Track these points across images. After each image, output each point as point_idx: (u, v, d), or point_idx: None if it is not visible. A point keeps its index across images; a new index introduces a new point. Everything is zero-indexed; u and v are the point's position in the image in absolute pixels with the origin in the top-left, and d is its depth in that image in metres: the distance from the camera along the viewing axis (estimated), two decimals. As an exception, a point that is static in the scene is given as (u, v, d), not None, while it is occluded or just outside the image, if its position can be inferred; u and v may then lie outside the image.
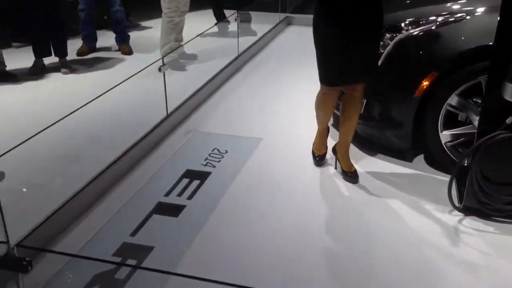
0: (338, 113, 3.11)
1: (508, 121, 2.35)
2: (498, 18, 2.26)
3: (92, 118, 3.42)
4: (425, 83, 2.76)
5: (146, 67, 3.43)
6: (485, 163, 2.42)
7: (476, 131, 2.78)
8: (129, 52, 5.20)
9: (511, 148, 2.36)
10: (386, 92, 2.96)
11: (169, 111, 3.56)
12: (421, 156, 3.12)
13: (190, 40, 4.32)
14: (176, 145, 3.35)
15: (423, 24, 2.81)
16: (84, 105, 2.77)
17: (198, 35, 4.35)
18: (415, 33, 2.82)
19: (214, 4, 5.80)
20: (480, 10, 2.74)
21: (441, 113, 2.81)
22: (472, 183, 2.48)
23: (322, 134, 3.07)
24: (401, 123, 2.92)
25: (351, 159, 2.95)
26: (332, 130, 3.33)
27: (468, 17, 2.72)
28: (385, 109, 3.00)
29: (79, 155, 3.16)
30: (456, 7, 2.84)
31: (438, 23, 2.77)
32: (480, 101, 2.77)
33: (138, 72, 3.32)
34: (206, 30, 4.84)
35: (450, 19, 2.76)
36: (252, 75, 4.66)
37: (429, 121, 2.86)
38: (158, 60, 3.48)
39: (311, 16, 2.69)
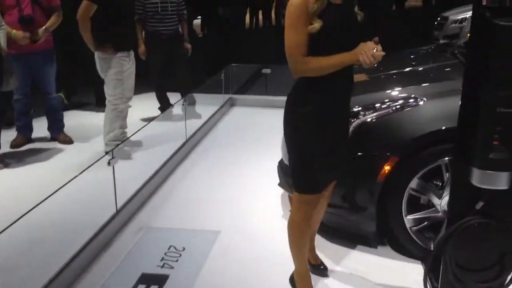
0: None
1: (477, 206, 2.32)
2: (460, 103, 2.29)
3: (32, 219, 3.11)
4: (387, 168, 2.73)
5: (95, 162, 3.21)
6: (458, 250, 2.36)
7: (439, 214, 2.78)
8: (68, 141, 4.94)
9: (482, 234, 2.32)
10: (349, 178, 2.90)
11: (118, 206, 3.32)
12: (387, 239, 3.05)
13: (138, 130, 4.15)
14: (128, 244, 3.08)
15: (379, 109, 2.82)
16: (26, 213, 2.50)
17: (145, 125, 4.19)
18: (373, 118, 2.82)
19: (156, 87, 5.72)
20: (433, 94, 2.79)
21: (404, 197, 2.78)
22: (446, 271, 2.40)
23: (306, 274, 2.51)
24: (365, 208, 2.85)
25: (317, 250, 2.82)
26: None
27: (421, 102, 2.76)
28: (348, 195, 2.93)
29: (17, 265, 2.82)
30: (407, 93, 2.88)
31: (394, 108, 2.79)
32: (440, 184, 2.78)
33: (87, 168, 3.10)
34: (154, 119, 4.70)
35: (405, 104, 2.78)
36: (202, 161, 4.52)
37: (392, 205, 2.81)
38: (106, 153, 3.27)
39: (254, 97, 2.59)
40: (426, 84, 2.92)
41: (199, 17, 9.67)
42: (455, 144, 2.35)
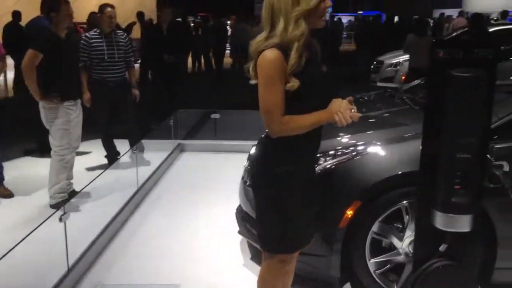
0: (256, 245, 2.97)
1: (441, 248, 2.39)
2: (420, 148, 2.37)
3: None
4: (349, 213, 2.77)
5: (45, 220, 3.03)
6: (425, 293, 2.40)
7: (401, 256, 2.83)
8: (9, 195, 4.65)
9: (447, 276, 2.38)
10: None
11: (70, 264, 3.13)
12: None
13: (89, 183, 3.97)
14: (83, 306, 2.91)
15: (339, 156, 2.88)
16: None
17: (97, 177, 4.03)
18: (333, 165, 2.86)
19: (103, 135, 5.56)
20: (390, 140, 2.88)
21: (367, 241, 2.81)
22: (415, 314, 2.43)
23: None
24: (329, 254, 2.85)
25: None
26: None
27: (379, 148, 2.84)
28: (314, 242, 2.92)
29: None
30: (365, 139, 2.95)
31: (353, 154, 2.85)
32: (400, 226, 2.84)
33: (38, 226, 2.91)
34: (103, 169, 4.53)
35: (364, 150, 2.85)
36: (155, 210, 4.40)
37: (356, 250, 2.83)
38: (51, 206, 3.10)
39: (203, 142, 2.51)
40: (383, 130, 3.02)
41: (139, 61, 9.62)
42: (418, 188, 2.42)
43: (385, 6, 31.11)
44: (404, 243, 2.80)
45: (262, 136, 3.59)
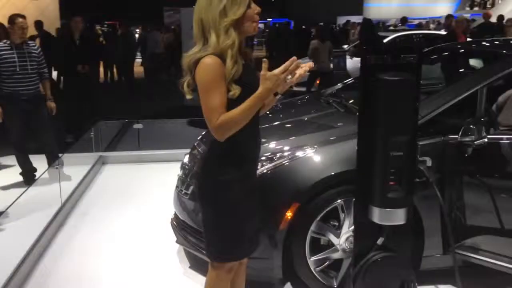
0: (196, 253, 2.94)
1: (379, 241, 2.53)
2: (356, 148, 2.51)
3: None
4: (289, 215, 2.85)
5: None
6: (367, 285, 2.53)
7: (338, 252, 2.96)
8: None
9: (386, 267, 2.53)
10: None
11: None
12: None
13: (9, 206, 3.72)
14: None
15: (276, 160, 2.95)
16: None
17: (17, 198, 3.78)
18: (270, 169, 2.93)
19: (17, 151, 5.22)
20: (324, 142, 3.00)
21: (307, 240, 2.91)
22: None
23: None
24: (271, 256, 2.91)
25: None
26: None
27: (314, 150, 2.95)
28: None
29: None
30: (300, 142, 3.05)
31: (290, 157, 2.94)
32: (337, 224, 2.97)
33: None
34: (26, 190, 4.26)
35: (300, 153, 2.95)
36: (83, 226, 4.21)
37: (297, 250, 2.92)
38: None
39: (127, 153, 2.47)
40: (315, 133, 3.14)
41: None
42: (356, 186, 2.55)
43: (292, 13, 32.15)
44: (341, 240, 2.93)
45: (196, 143, 3.63)
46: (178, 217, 3.44)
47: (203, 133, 3.84)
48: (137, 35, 15.34)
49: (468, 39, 8.24)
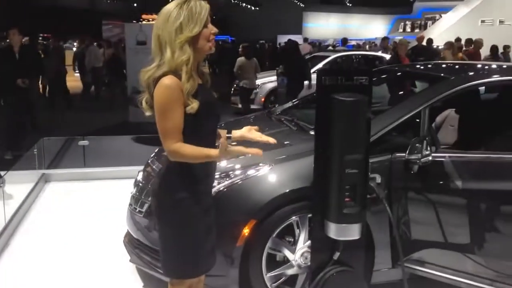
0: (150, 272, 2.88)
1: (334, 257, 2.63)
2: (311, 165, 2.60)
3: None
4: (246, 231, 2.89)
5: None
6: (323, 299, 2.61)
7: (294, 268, 3.02)
8: None
9: (342, 281, 2.62)
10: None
11: None
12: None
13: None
14: None
15: (233, 177, 2.99)
16: None
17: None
18: (227, 186, 2.96)
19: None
20: (279, 160, 3.07)
21: (264, 257, 2.96)
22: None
23: None
24: (227, 273, 2.93)
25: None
26: None
27: (270, 168, 3.02)
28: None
29: None
30: (256, 160, 3.11)
31: (246, 175, 2.99)
32: (292, 240, 3.04)
33: None
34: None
35: (256, 170, 3.01)
36: (29, 247, 4.03)
37: (253, 266, 2.96)
38: None
39: (72, 170, 2.44)
40: (271, 151, 3.20)
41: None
42: (313, 202, 2.64)
43: (234, 31, 32.56)
44: (297, 255, 3.00)
45: (150, 161, 3.61)
46: (131, 235, 3.39)
47: (156, 150, 3.83)
48: (74, 49, 14.93)
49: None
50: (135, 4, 37.87)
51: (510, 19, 17.69)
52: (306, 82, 8.63)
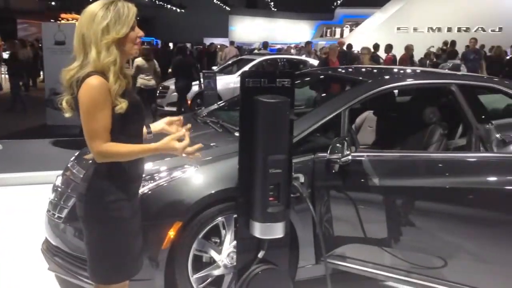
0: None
1: (259, 255, 2.67)
2: (236, 166, 2.62)
3: None
4: (171, 234, 2.86)
5: None
6: (250, 298, 2.64)
7: (220, 268, 3.03)
8: None
9: (267, 279, 2.67)
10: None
11: None
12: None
13: None
14: None
15: (158, 179, 2.95)
16: None
17: None
18: (150, 190, 2.92)
19: None
20: (204, 161, 3.07)
21: (190, 258, 2.94)
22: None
23: None
24: (153, 277, 2.89)
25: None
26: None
27: (195, 169, 3.01)
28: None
29: None
30: (181, 161, 3.09)
31: (171, 177, 2.96)
32: (218, 241, 3.05)
33: None
34: None
35: (181, 172, 2.99)
36: None
37: (179, 268, 2.93)
38: None
39: None
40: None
41: None
42: (238, 203, 2.67)
43: (160, 32, 32.10)
44: (223, 256, 3.00)
45: (69, 165, 3.48)
46: (50, 242, 3.25)
47: (76, 153, 3.70)
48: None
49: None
50: (53, 3, 36.27)
51: (423, 27, 18.81)
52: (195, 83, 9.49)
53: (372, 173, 3.11)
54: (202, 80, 9.43)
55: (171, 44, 19.08)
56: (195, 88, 9.94)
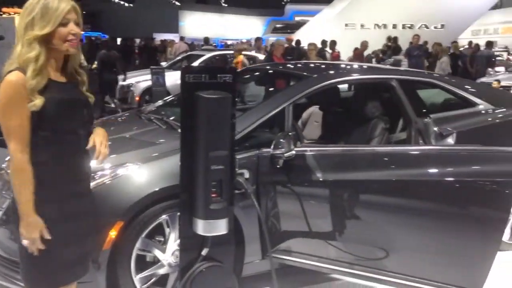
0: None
1: (203, 252, 2.64)
2: (180, 163, 2.58)
3: None
4: (113, 234, 2.79)
5: None
6: (194, 296, 2.61)
7: (165, 267, 2.99)
8: None
9: (211, 277, 2.64)
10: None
11: None
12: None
13: None
14: None
15: (96, 179, 2.86)
16: None
17: None
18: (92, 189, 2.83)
19: None
20: (147, 159, 3.01)
21: (132, 258, 2.88)
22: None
23: None
24: (94, 279, 2.80)
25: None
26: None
27: (137, 167, 2.95)
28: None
29: None
30: (122, 159, 3.01)
31: (112, 176, 2.89)
32: (163, 239, 3.00)
33: None
34: None
35: (122, 171, 2.92)
36: None
37: (121, 269, 2.87)
38: None
39: None
40: (138, 150, 3.13)
41: None
42: (180, 200, 2.63)
43: (107, 27, 31.28)
44: (167, 255, 2.96)
45: (4, 165, 3.33)
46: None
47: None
48: None
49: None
50: (-5, -4, 34.72)
51: (370, 23, 19.23)
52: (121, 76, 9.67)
53: (316, 168, 3.14)
54: (125, 75, 9.63)
55: (118, 40, 18.67)
56: (143, 84, 9.76)
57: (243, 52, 9.99)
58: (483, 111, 3.85)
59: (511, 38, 25.71)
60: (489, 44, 13.11)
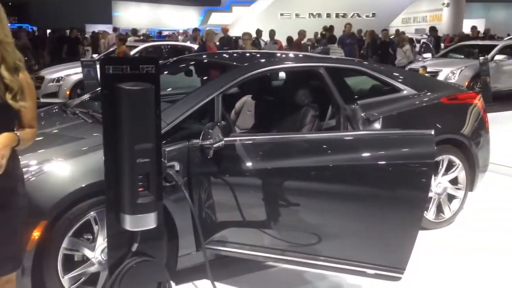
0: None
1: (133, 248, 2.58)
2: (98, 158, 2.50)
3: None
4: (36, 234, 2.67)
5: None
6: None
7: (95, 266, 2.90)
8: None
9: (142, 272, 2.59)
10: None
11: None
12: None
13: None
14: None
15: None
16: None
17: None
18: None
19: None
20: (70, 154, 2.90)
21: (59, 259, 2.78)
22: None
23: None
24: (18, 281, 2.67)
25: None
26: None
27: (60, 163, 2.83)
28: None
29: None
30: (42, 156, 2.88)
31: (32, 173, 2.76)
32: (91, 237, 2.91)
33: None
34: None
35: (43, 168, 2.79)
36: None
37: (47, 270, 2.76)
38: None
39: None
40: (61, 146, 3.01)
41: None
42: (106, 196, 2.55)
43: (35, 19, 29.85)
44: (96, 252, 2.87)
45: None
46: None
47: None
48: None
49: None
50: None
51: (305, 12, 19.49)
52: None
53: (247, 157, 3.13)
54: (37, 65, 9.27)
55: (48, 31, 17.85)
56: (74, 77, 9.41)
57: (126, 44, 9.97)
58: (407, 96, 3.99)
59: (439, 25, 26.87)
60: (433, 30, 13.87)
